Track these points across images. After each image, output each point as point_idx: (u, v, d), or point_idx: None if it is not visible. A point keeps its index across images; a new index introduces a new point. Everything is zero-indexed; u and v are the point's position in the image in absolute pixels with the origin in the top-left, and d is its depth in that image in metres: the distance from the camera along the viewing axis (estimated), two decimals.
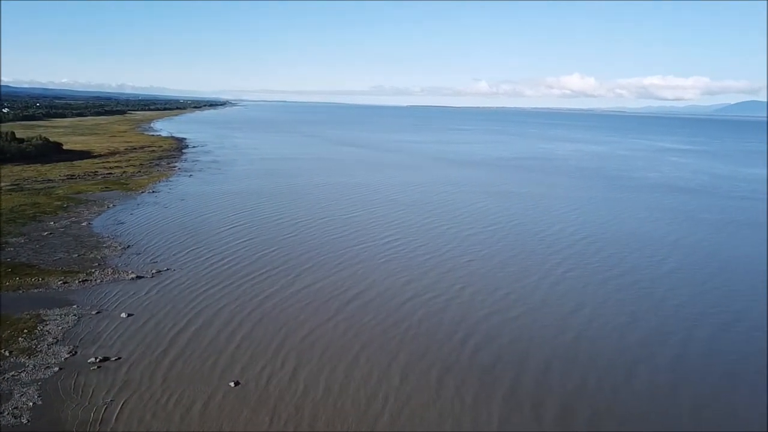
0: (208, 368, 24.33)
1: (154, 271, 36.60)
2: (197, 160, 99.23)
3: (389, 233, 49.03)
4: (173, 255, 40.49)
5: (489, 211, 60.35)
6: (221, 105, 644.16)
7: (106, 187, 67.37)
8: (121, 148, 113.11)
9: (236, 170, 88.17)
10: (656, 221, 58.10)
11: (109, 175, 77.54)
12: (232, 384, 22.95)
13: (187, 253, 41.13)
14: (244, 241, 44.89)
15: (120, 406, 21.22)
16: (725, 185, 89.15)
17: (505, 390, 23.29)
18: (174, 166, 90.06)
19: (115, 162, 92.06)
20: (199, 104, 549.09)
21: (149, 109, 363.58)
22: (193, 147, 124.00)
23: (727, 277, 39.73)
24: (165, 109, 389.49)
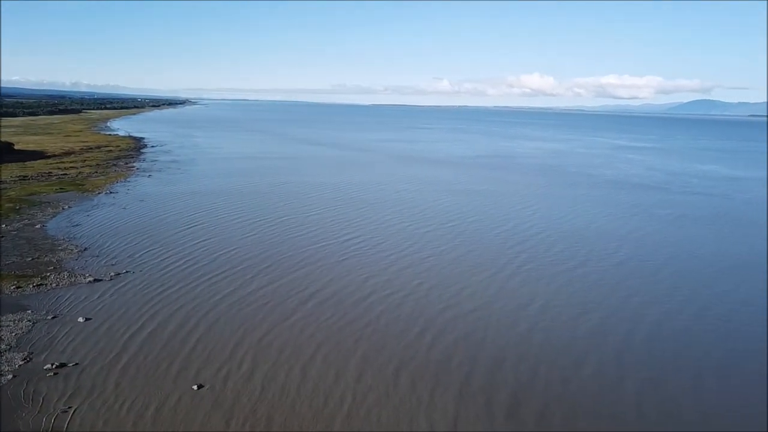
0: (164, 371, 24.17)
1: (112, 274, 35.89)
2: (156, 160, 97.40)
3: (349, 231, 49.21)
4: (132, 257, 39.77)
5: (449, 209, 61.08)
6: (181, 104, 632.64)
7: (61, 188, 65.56)
8: (77, 148, 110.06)
9: (196, 170, 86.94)
10: (611, 216, 59.79)
11: (64, 176, 75.44)
12: (195, 387, 22.73)
13: (147, 254, 40.47)
14: (204, 241, 44.43)
15: (73, 414, 20.78)
16: (677, 181, 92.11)
17: (460, 383, 23.79)
18: (132, 167, 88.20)
19: (71, 162, 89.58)
20: (158, 103, 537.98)
21: (106, 108, 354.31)
22: (152, 146, 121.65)
23: (675, 268, 41.12)
24: (122, 108, 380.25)
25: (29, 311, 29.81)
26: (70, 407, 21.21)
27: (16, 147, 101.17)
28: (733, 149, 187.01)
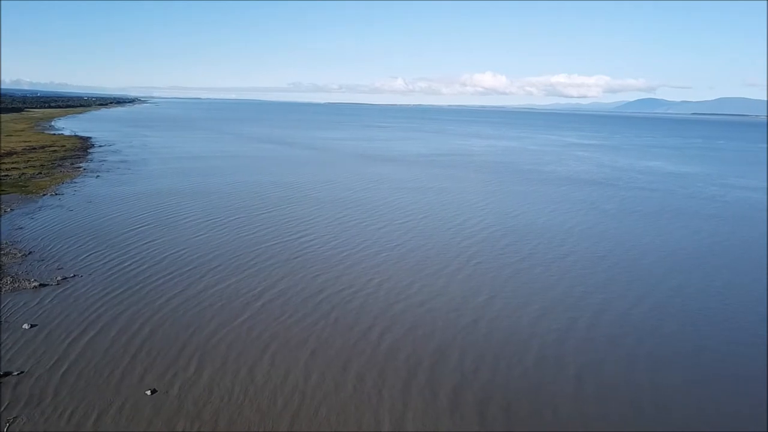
0: (107, 377, 23.42)
1: (59, 278, 34.65)
2: (104, 160, 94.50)
3: (301, 230, 48.95)
4: (80, 260, 38.51)
5: (402, 206, 61.49)
6: (130, 102, 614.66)
7: (2, 190, 62.87)
8: (19, 148, 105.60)
9: (147, 170, 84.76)
10: (558, 211, 61.33)
11: (5, 177, 72.28)
12: (148, 393, 22.19)
13: (95, 257, 39.25)
14: (152, 242, 43.36)
15: (8, 427, 19.99)
16: (624, 177, 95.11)
17: (406, 376, 24.04)
18: (79, 167, 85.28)
19: (12, 163, 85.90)
20: (105, 101, 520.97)
21: (50, 107, 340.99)
22: (100, 146, 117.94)
23: (616, 260, 42.61)
24: (68, 106, 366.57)
25: None
26: (20, 417, 20.41)
27: None
28: (677, 146, 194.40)
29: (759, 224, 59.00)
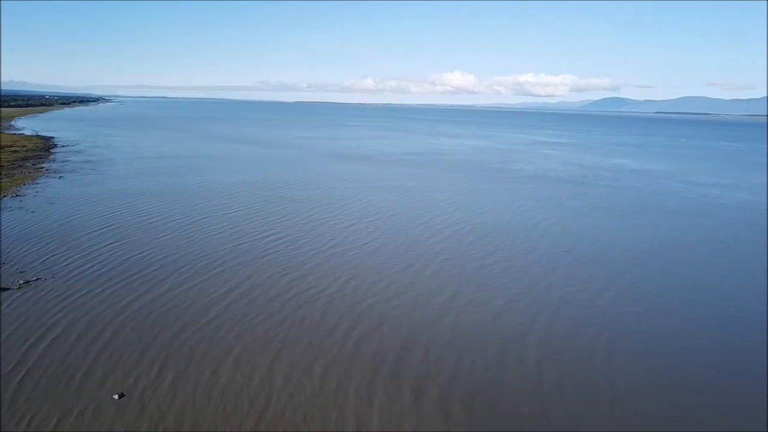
0: (77, 380, 22.85)
1: (21, 282, 33.71)
2: (68, 161, 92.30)
3: (269, 229, 48.58)
4: (42, 263, 37.54)
5: (371, 205, 61.55)
6: (94, 101, 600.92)
7: None
8: None
9: (112, 170, 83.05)
10: (525, 209, 62.12)
11: None
12: (109, 397, 21.80)
13: (58, 259, 38.28)
14: (116, 243, 42.45)
15: None
16: (591, 174, 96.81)
17: (371, 373, 24.08)
18: (41, 168, 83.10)
19: None
20: (68, 100, 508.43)
21: (9, 106, 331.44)
22: (63, 146, 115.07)
23: (579, 255, 43.35)
24: (28, 105, 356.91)
25: None
26: None
27: None
28: (641, 144, 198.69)
29: (719, 220, 60.71)
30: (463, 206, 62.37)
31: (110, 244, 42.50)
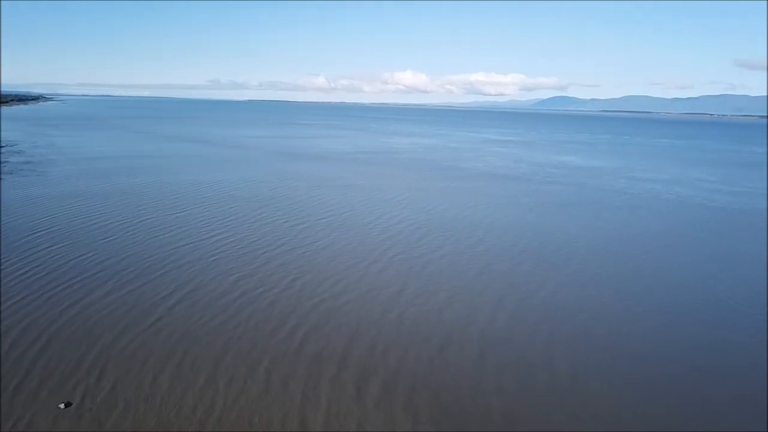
0: (10, 390, 21.83)
1: None
2: (6, 162, 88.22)
3: (219, 230, 47.67)
4: None
5: (325, 204, 61.22)
6: (33, 100, 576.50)
7: None
8: None
9: (54, 172, 79.80)
10: (479, 206, 63.02)
11: None
12: (62, 406, 20.89)
13: None
14: (57, 247, 40.76)
15: None
16: (540, 172, 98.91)
17: (332, 375, 23.85)
18: None
19: None
20: (5, 99, 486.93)
21: None
22: (1, 147, 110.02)
23: (534, 252, 44.22)
24: None
25: None
26: None
27: None
28: (587, 141, 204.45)
29: (660, 214, 63.00)
30: (414, 204, 62.73)
31: (49, 247, 40.82)
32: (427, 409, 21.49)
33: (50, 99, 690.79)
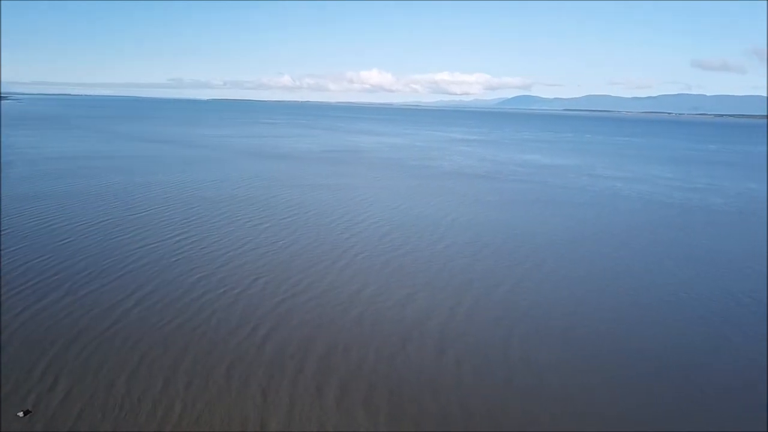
0: None
1: None
2: None
3: (182, 231, 46.86)
4: None
5: (289, 203, 60.75)
6: None
7: None
8: None
9: (11, 173, 77.06)
10: (442, 204, 63.47)
11: None
12: (21, 414, 20.06)
13: None
14: (10, 251, 39.48)
15: None
16: (504, 170, 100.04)
17: (293, 375, 23.71)
18: None
19: None
20: None
21: None
22: None
23: (495, 248, 44.75)
24: None
25: None
26: None
27: None
28: (551, 140, 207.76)
29: (620, 211, 64.36)
30: (378, 202, 62.68)
31: (2, 251, 39.30)
32: (386, 407, 21.49)
33: (5, 97, 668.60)
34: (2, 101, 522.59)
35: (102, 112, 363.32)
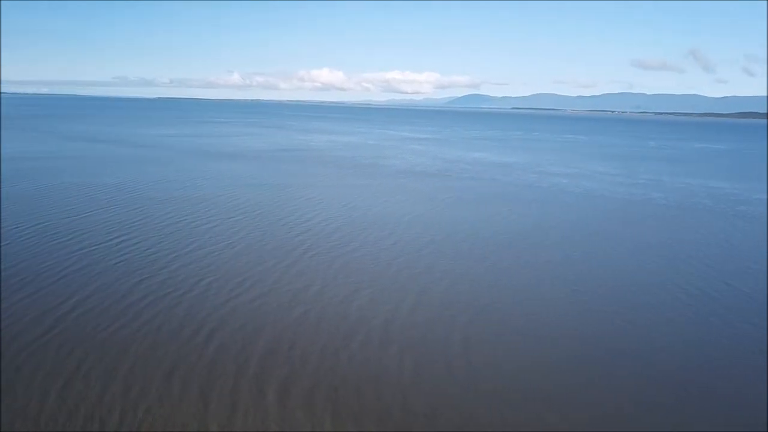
0: None
1: None
2: None
3: (124, 233, 45.37)
4: None
5: (237, 203, 59.70)
6: None
7: None
8: None
9: None
10: (392, 203, 63.72)
11: None
12: None
13: None
14: None
15: None
16: (455, 168, 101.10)
17: (234, 375, 23.26)
18: None
19: None
20: None
21: None
22: None
23: (439, 245, 45.20)
24: None
25: None
26: None
27: None
28: (500, 138, 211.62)
29: (567, 206, 65.96)
30: (332, 202, 62.20)
31: None
32: (349, 411, 21.20)
33: None
34: None
35: (38, 111, 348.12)
